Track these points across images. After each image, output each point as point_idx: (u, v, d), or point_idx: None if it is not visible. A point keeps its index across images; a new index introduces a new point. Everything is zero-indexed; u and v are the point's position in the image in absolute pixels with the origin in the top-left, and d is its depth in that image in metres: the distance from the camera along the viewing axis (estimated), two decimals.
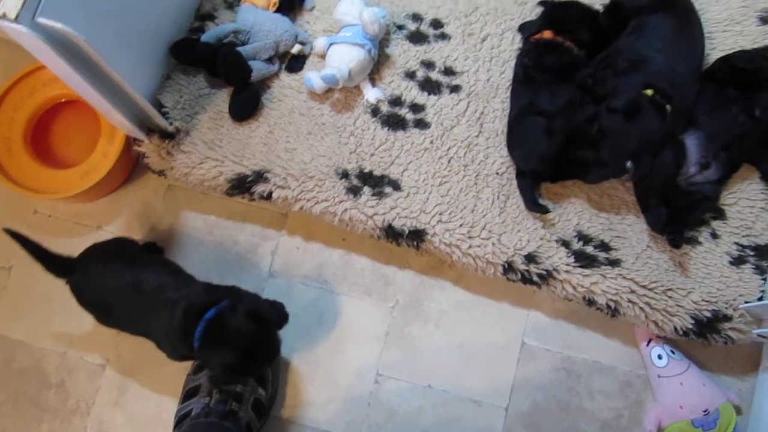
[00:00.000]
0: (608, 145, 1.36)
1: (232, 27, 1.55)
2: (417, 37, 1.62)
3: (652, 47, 1.41)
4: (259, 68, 1.54)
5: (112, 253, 1.40)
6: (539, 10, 1.59)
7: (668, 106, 1.38)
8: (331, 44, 1.54)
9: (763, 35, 1.60)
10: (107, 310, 1.35)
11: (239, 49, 1.54)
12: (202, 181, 1.53)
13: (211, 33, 1.56)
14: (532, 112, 1.44)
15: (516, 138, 1.47)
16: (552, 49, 1.48)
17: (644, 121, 1.34)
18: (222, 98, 1.58)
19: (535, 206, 1.48)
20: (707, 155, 1.42)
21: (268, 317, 1.28)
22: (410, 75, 1.59)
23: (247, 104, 1.55)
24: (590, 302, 1.46)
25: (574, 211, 1.50)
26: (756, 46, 1.57)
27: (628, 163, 1.38)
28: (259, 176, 1.51)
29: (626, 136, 1.35)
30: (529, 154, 1.44)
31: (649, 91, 1.37)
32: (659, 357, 1.47)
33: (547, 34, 1.51)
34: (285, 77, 1.60)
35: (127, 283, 1.29)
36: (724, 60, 1.49)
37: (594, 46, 1.51)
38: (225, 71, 1.52)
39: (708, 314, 1.42)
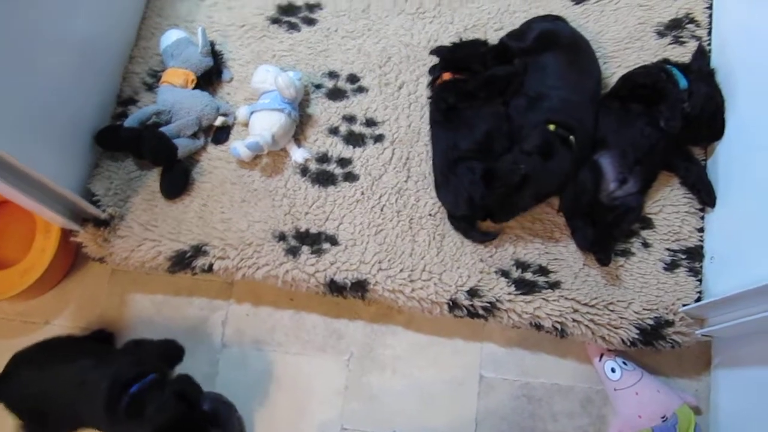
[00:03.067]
0: (532, 186, 1.40)
1: (153, 109, 1.58)
2: (336, 94, 1.66)
3: (546, 84, 1.48)
4: (184, 145, 1.57)
5: (40, 355, 1.39)
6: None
7: (571, 137, 1.43)
8: (252, 112, 1.58)
9: (662, 48, 1.68)
10: (40, 417, 1.34)
11: (163, 129, 1.57)
12: (142, 262, 1.54)
13: (133, 117, 1.58)
14: (458, 157, 1.48)
15: (446, 187, 1.51)
16: (449, 88, 1.54)
17: (557, 158, 1.39)
18: (153, 179, 1.60)
19: (482, 237, 1.52)
20: (623, 171, 1.47)
21: (195, 397, 1.28)
22: (334, 131, 1.63)
23: (177, 182, 1.57)
24: (538, 327, 1.48)
25: (510, 240, 1.54)
26: (657, 58, 1.64)
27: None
28: (198, 250, 1.52)
29: (546, 175, 1.39)
30: (460, 203, 1.48)
31: (552, 126, 1.42)
32: (612, 370, 1.49)
33: (446, 76, 1.57)
34: (212, 149, 1.63)
35: (58, 382, 1.29)
36: (624, 78, 1.56)
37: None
38: (150, 153, 1.55)
39: (651, 322, 1.46)
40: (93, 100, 1.60)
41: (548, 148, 1.41)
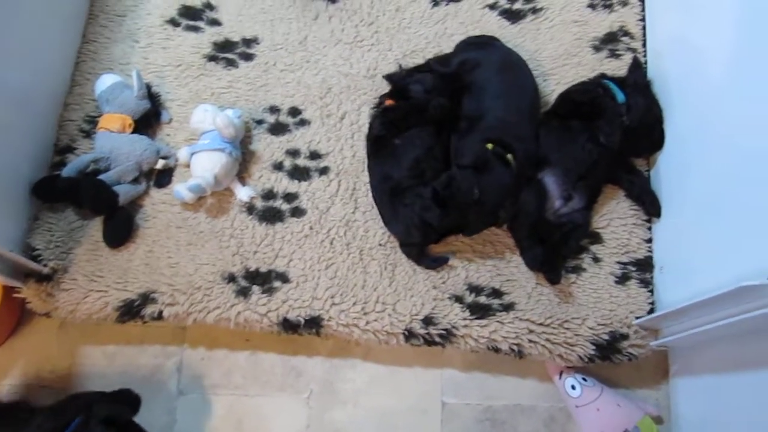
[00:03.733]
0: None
1: (91, 156, 1.54)
2: (278, 129, 1.65)
3: (483, 105, 1.48)
4: (125, 191, 1.54)
5: None
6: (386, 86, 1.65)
7: (509, 155, 1.43)
8: (193, 153, 1.55)
9: (599, 62, 1.70)
10: None
11: (102, 176, 1.53)
12: (89, 314, 1.50)
13: (71, 166, 1.55)
14: (394, 187, 1.47)
15: (393, 218, 1.50)
16: (385, 112, 1.54)
17: (494, 173, 1.39)
18: (95, 228, 1.56)
19: (433, 263, 1.51)
20: (567, 188, 1.48)
21: (123, 417, 1.24)
22: (278, 166, 1.62)
23: (120, 229, 1.54)
24: (495, 350, 1.48)
25: (461, 265, 1.53)
26: (594, 73, 1.66)
27: (500, 213, 1.43)
28: (146, 298, 1.49)
29: (484, 190, 1.39)
30: (412, 231, 1.47)
31: (490, 145, 1.43)
32: (573, 387, 1.49)
33: (388, 103, 1.56)
34: (155, 193, 1.60)
35: None
36: (563, 96, 1.57)
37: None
38: (90, 202, 1.51)
39: (606, 337, 1.47)
40: (28, 151, 1.56)
41: (483, 163, 1.41)
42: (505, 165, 1.42)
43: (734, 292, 1.12)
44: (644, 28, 1.75)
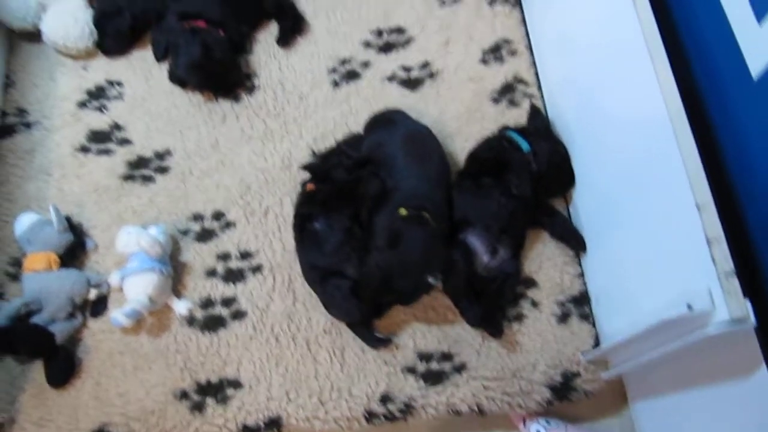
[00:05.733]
0: (399, 274, 1.43)
1: (20, 301, 1.52)
2: (205, 235, 1.66)
3: (393, 179, 1.52)
4: (61, 329, 1.52)
5: None
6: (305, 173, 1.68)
7: (424, 213, 1.47)
8: (123, 277, 1.55)
9: (500, 113, 1.77)
10: None
11: (35, 319, 1.51)
12: None
13: (1, 314, 1.52)
14: (321, 275, 1.50)
15: (330, 301, 1.52)
16: (304, 199, 1.57)
17: (413, 237, 1.43)
18: (37, 371, 1.54)
19: (378, 342, 1.53)
20: (491, 242, 1.53)
21: None
22: (211, 273, 1.62)
23: (62, 368, 1.52)
24: (456, 413, 1.49)
25: (408, 335, 1.56)
26: (497, 124, 1.73)
27: (430, 279, 1.45)
28: None
29: (406, 258, 1.42)
30: (349, 312, 1.50)
31: (403, 210, 1.46)
32: None
33: (309, 187, 1.59)
34: (93, 324, 1.59)
35: None
36: (470, 156, 1.64)
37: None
38: (27, 348, 1.49)
39: (559, 378, 1.50)
40: None
41: (395, 235, 1.44)
42: (423, 224, 1.45)
43: (659, 325, 1.17)
44: (536, 73, 1.83)
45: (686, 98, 1.21)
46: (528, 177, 1.55)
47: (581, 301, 1.59)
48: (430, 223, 1.46)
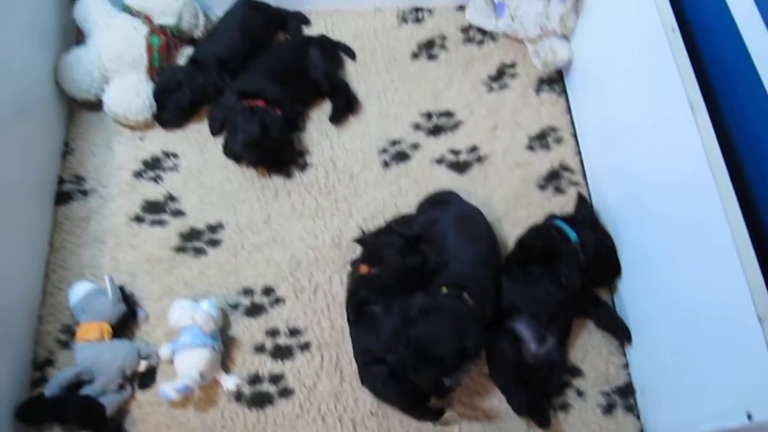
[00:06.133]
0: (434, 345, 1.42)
1: (73, 371, 1.54)
2: (254, 310, 1.68)
3: (443, 259, 1.56)
4: (111, 401, 1.54)
5: None
6: (358, 248, 1.71)
7: (464, 293, 1.49)
8: (174, 351, 1.57)
9: (546, 200, 1.82)
10: None
11: (87, 390, 1.53)
12: None
13: (53, 384, 1.53)
14: (371, 360, 1.52)
15: (370, 387, 1.54)
16: (362, 283, 1.59)
17: (447, 307, 1.45)
18: None
19: (428, 415, 1.54)
20: (540, 330, 1.55)
21: None
22: (260, 349, 1.64)
23: None
24: None
25: (453, 420, 1.56)
26: (544, 211, 1.77)
27: (447, 381, 1.44)
28: None
29: (439, 328, 1.42)
30: (390, 398, 1.52)
31: (444, 289, 1.49)
32: None
33: (363, 269, 1.62)
34: (140, 396, 1.59)
35: None
36: (519, 243, 1.67)
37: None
38: (78, 420, 1.50)
39: None
40: (6, 372, 1.54)
41: (429, 307, 1.45)
42: (462, 301, 1.47)
43: None
44: (581, 161, 1.88)
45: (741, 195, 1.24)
46: (577, 267, 1.57)
47: (626, 392, 1.60)
48: (468, 303, 1.48)
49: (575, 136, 1.92)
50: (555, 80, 2.02)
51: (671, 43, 1.37)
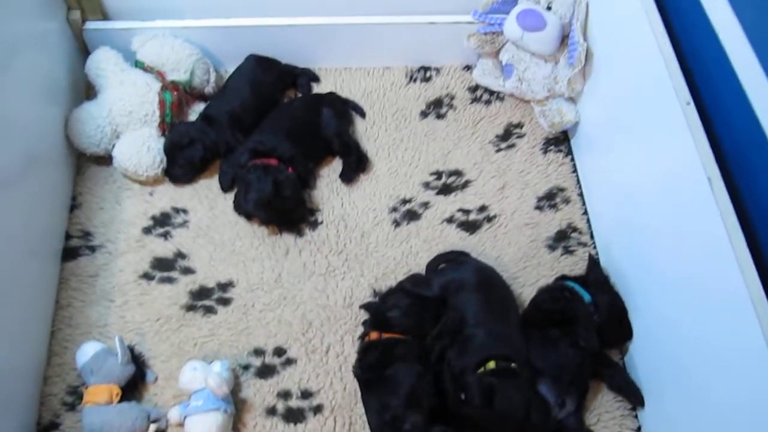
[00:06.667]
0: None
1: None
2: (265, 372, 1.66)
3: (469, 325, 1.55)
4: None
5: None
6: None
7: (513, 364, 1.50)
8: (185, 416, 1.54)
9: (556, 260, 1.83)
10: None
11: None
12: None
13: None
14: (393, 416, 1.50)
15: None
16: (369, 349, 1.58)
17: (507, 392, 1.44)
18: None
19: None
20: (561, 394, 1.55)
21: None
22: (271, 411, 1.62)
23: None
24: None
25: None
26: (554, 273, 1.78)
27: None
28: None
29: (505, 417, 1.44)
30: None
31: (491, 363, 1.49)
32: None
33: (373, 335, 1.61)
34: None
35: None
36: (534, 306, 1.68)
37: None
38: None
39: None
40: None
41: (488, 391, 1.45)
42: (513, 377, 1.47)
43: None
44: (588, 221, 1.90)
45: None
46: (593, 329, 1.58)
47: None
48: (520, 375, 1.48)
49: (582, 196, 1.95)
50: (561, 140, 2.05)
51: (687, 116, 1.40)
